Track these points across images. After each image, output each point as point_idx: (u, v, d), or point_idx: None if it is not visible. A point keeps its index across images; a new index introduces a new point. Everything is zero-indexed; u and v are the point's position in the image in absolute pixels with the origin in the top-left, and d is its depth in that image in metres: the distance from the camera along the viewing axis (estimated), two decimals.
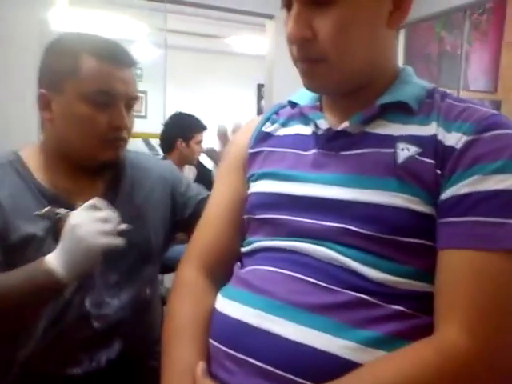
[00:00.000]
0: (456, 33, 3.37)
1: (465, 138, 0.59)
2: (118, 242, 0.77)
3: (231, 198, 0.78)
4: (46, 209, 0.84)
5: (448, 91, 0.69)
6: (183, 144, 2.58)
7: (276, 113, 0.80)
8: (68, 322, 0.84)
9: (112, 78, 0.85)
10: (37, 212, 0.83)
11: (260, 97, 5.27)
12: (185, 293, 0.73)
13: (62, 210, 0.83)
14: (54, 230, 0.82)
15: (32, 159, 0.89)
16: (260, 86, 5.11)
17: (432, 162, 0.60)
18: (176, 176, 1.05)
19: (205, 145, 2.75)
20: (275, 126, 0.77)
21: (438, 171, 0.60)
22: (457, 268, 0.56)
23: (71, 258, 0.74)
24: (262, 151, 0.76)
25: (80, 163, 0.88)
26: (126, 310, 0.89)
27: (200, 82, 4.93)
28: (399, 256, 0.60)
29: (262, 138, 0.77)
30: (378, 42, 0.65)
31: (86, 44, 0.86)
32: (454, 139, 0.60)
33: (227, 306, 0.67)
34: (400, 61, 0.68)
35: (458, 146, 0.59)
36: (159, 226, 0.97)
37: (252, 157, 0.77)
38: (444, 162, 0.60)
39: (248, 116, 5.36)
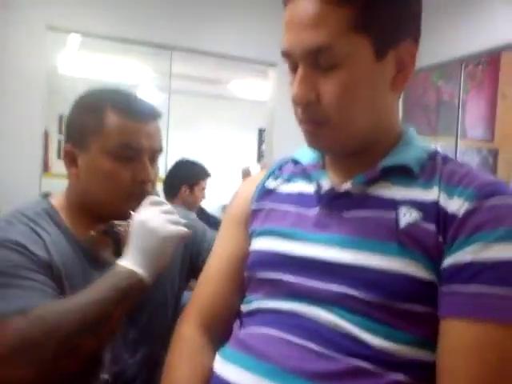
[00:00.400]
0: (452, 83, 3.46)
1: (466, 205, 0.59)
2: (187, 231, 0.79)
3: (232, 253, 0.77)
4: (102, 226, 0.86)
5: (449, 155, 0.70)
6: (187, 191, 2.59)
7: (279, 168, 0.80)
8: (84, 376, 0.81)
9: (136, 132, 0.86)
10: (93, 232, 0.85)
11: (261, 141, 5.35)
12: (183, 351, 0.72)
13: (118, 223, 0.85)
14: (117, 244, 0.83)
15: (61, 209, 0.90)
16: (261, 131, 5.20)
17: (434, 228, 0.60)
18: (190, 225, 1.04)
19: (208, 192, 2.77)
20: (278, 181, 0.78)
21: (440, 238, 0.59)
22: (458, 338, 0.56)
23: (147, 254, 0.75)
24: (264, 208, 0.76)
25: (103, 216, 0.88)
26: (141, 367, 0.87)
27: (202, 125, 5.02)
28: (400, 323, 0.59)
29: (265, 193, 0.77)
30: (380, 106, 0.66)
31: (109, 100, 0.88)
32: (455, 205, 0.60)
33: (225, 368, 0.65)
34: (400, 110, 0.70)
35: (460, 213, 0.59)
36: (175, 277, 0.96)
37: (254, 212, 0.77)
38: (446, 228, 0.59)
39: (249, 160, 5.43)
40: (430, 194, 0.63)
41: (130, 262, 0.76)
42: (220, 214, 4.46)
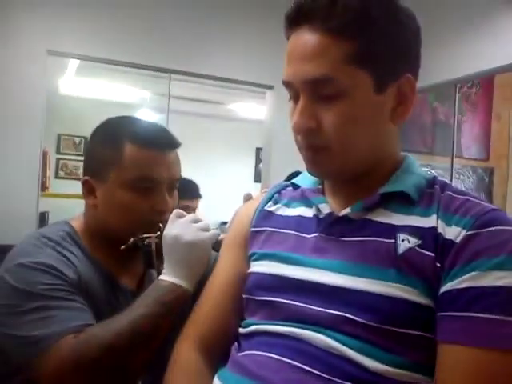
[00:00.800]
0: (448, 104, 3.51)
1: (464, 233, 0.60)
2: (217, 232, 0.82)
3: (232, 275, 0.77)
4: (131, 240, 0.86)
5: (448, 181, 0.71)
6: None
7: (278, 192, 0.81)
8: None
9: (154, 164, 0.86)
10: (123, 246, 0.85)
11: (258, 160, 5.37)
12: (180, 374, 0.72)
13: (147, 235, 0.86)
14: (146, 256, 0.85)
15: (81, 232, 0.91)
16: (258, 150, 5.23)
17: (432, 254, 0.61)
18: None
19: (205, 211, 2.74)
20: (278, 205, 0.78)
21: (438, 264, 0.60)
22: (455, 364, 0.56)
23: (186, 265, 0.78)
24: (264, 230, 0.76)
25: (122, 243, 0.88)
26: None
27: (199, 144, 5.04)
28: (397, 347, 0.59)
29: (265, 216, 0.78)
30: (380, 135, 0.67)
31: (127, 131, 0.88)
32: (453, 233, 0.61)
33: None
34: (398, 138, 0.71)
35: (458, 240, 0.60)
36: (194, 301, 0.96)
37: (253, 235, 0.77)
38: (444, 255, 0.60)
39: (246, 178, 5.45)
40: (429, 222, 0.63)
41: (171, 276, 0.78)
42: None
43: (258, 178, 5.28)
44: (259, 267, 0.73)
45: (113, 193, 0.86)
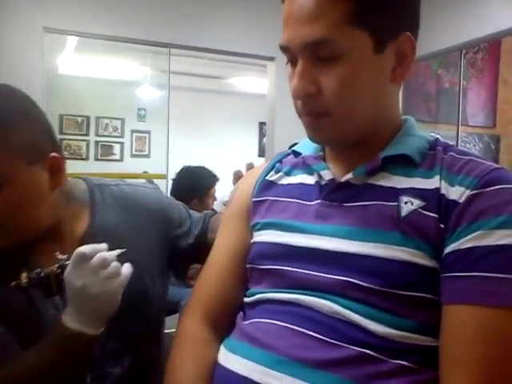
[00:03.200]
0: (452, 70, 3.45)
1: (468, 193, 0.60)
2: (128, 271, 0.72)
3: (235, 245, 0.77)
4: (24, 276, 0.73)
5: (450, 143, 0.70)
6: (198, 202, 2.53)
7: (280, 161, 0.80)
8: None
9: None
10: (13, 283, 0.73)
11: (262, 134, 5.34)
12: (187, 345, 0.72)
13: (44, 271, 0.74)
14: (47, 288, 0.74)
15: None
16: (262, 124, 5.20)
17: (435, 215, 0.60)
18: (164, 205, 0.94)
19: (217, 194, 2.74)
20: (279, 174, 0.78)
21: (442, 225, 0.60)
22: (461, 324, 0.56)
23: (93, 314, 0.72)
24: (265, 200, 0.76)
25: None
26: (131, 375, 0.84)
27: (202, 121, 5.02)
28: (403, 310, 0.59)
29: (266, 186, 0.77)
30: (381, 97, 0.66)
31: None
32: (457, 193, 0.60)
33: (230, 359, 0.66)
34: (400, 99, 0.70)
35: (461, 201, 0.60)
36: (155, 268, 0.89)
37: (256, 205, 0.77)
38: (447, 216, 0.60)
39: (250, 153, 5.43)
40: (432, 183, 0.63)
41: (76, 323, 0.71)
42: (222, 209, 4.46)
43: (262, 152, 5.26)
44: (262, 236, 0.73)
45: None
